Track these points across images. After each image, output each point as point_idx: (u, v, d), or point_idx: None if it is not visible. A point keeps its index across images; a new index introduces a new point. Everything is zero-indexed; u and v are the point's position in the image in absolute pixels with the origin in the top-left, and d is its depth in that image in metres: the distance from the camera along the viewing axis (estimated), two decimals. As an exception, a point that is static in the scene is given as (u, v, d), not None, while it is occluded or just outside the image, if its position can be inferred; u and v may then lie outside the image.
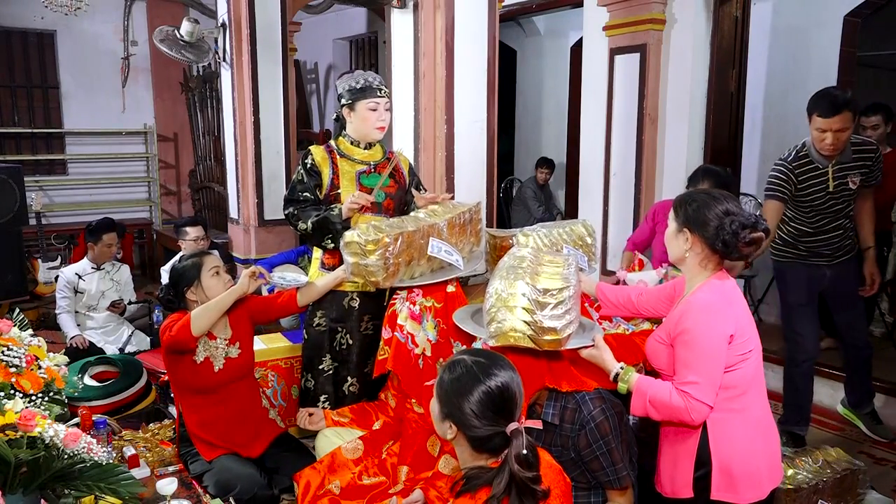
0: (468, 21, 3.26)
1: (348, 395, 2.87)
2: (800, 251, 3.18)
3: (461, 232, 2.72)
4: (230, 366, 2.59)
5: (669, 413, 1.87)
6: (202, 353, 2.54)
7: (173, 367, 2.56)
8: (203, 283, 2.57)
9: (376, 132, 2.80)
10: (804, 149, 3.05)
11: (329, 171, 2.80)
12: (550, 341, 1.98)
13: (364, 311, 2.84)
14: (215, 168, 7.09)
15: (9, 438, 1.64)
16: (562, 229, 2.80)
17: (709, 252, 1.92)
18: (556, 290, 1.97)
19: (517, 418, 1.59)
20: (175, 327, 2.44)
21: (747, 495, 1.90)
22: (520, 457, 1.53)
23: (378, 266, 2.40)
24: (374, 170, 2.84)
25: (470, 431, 1.60)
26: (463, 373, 1.62)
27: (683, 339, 1.88)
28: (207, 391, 2.57)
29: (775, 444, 2.01)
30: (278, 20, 4.87)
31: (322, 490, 2.40)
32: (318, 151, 2.84)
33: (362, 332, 2.85)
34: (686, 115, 4.29)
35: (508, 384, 1.60)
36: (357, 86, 2.75)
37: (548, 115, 7.77)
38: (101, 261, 4.28)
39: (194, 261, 2.62)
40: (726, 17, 4.27)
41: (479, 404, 1.58)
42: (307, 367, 2.91)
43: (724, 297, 1.92)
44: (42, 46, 7.40)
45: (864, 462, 2.84)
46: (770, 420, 2.01)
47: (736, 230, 1.86)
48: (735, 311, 1.91)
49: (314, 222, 2.72)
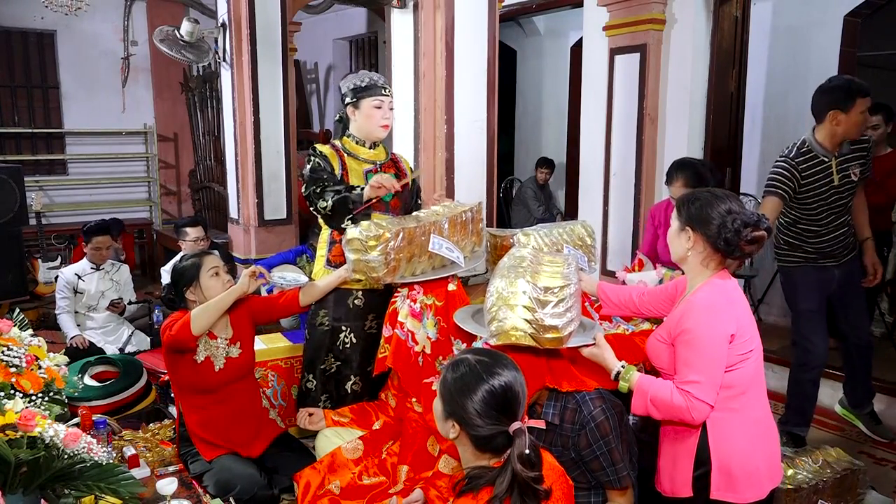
0: (468, 21, 3.26)
1: (350, 394, 2.87)
2: (808, 253, 3.13)
3: (462, 231, 2.73)
4: (231, 365, 2.60)
5: (670, 412, 1.87)
6: (203, 352, 2.54)
7: (174, 366, 2.56)
8: (202, 284, 2.58)
9: (380, 130, 2.81)
10: (805, 144, 3.02)
11: (339, 166, 2.80)
12: (552, 339, 1.98)
13: (368, 309, 2.84)
14: (215, 168, 7.09)
15: (9, 438, 1.64)
16: (562, 230, 2.81)
17: (711, 251, 1.92)
18: (557, 288, 1.98)
19: (520, 417, 1.59)
20: (175, 326, 2.44)
21: (747, 494, 1.90)
22: (522, 456, 1.53)
23: (379, 262, 2.41)
24: (379, 169, 2.84)
25: (473, 430, 1.60)
26: (466, 371, 1.62)
27: (685, 339, 1.88)
28: (208, 391, 2.57)
29: (775, 444, 2.01)
30: (278, 20, 4.87)
31: (322, 490, 2.40)
32: (325, 148, 2.84)
33: (366, 330, 2.85)
34: (686, 115, 4.29)
35: (512, 383, 1.60)
36: (362, 84, 2.77)
37: (548, 115, 7.77)
38: (96, 262, 4.28)
39: (194, 261, 2.63)
40: (726, 17, 4.27)
41: (482, 403, 1.58)
42: (308, 368, 2.91)
43: (725, 296, 1.92)
44: (42, 46, 7.40)
45: (864, 462, 2.84)
46: (770, 420, 2.01)
47: (738, 228, 1.86)
48: (736, 310, 1.91)
49: (335, 201, 2.65)
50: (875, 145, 4.23)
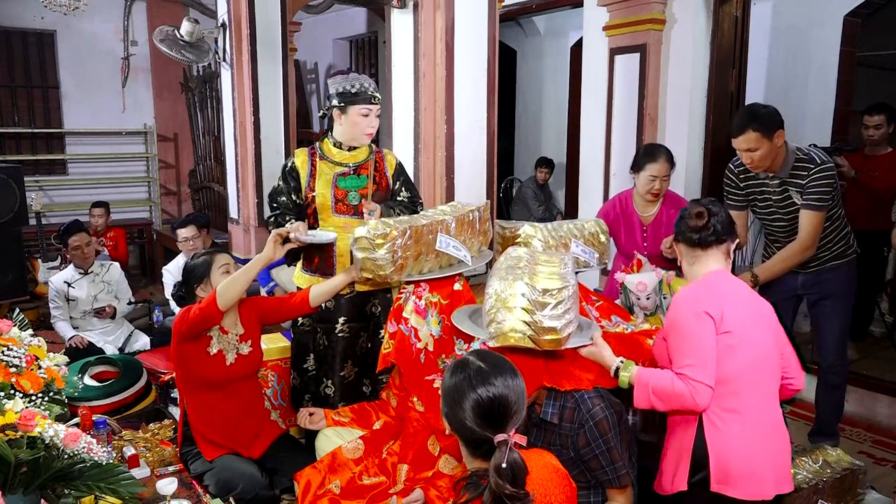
0: (468, 21, 3.25)
1: (324, 397, 2.89)
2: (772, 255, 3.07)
3: (470, 230, 2.74)
4: (241, 362, 2.61)
5: (673, 400, 1.89)
6: (216, 345, 2.55)
7: (184, 359, 2.54)
8: (213, 281, 2.58)
9: (364, 137, 2.81)
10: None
11: (307, 172, 2.82)
12: (550, 341, 1.99)
13: (339, 312, 2.84)
14: (215, 168, 7.09)
15: (9, 438, 1.63)
16: (572, 226, 2.83)
17: (686, 248, 2.09)
18: (555, 290, 1.98)
19: (509, 430, 1.58)
20: (200, 304, 2.45)
21: (746, 491, 1.90)
22: (499, 469, 1.51)
23: (386, 260, 2.41)
24: (353, 172, 2.83)
25: (462, 433, 1.63)
26: (462, 378, 1.64)
27: (671, 330, 1.99)
28: (216, 386, 2.57)
29: (781, 449, 1.98)
30: (278, 20, 4.87)
31: (322, 490, 2.40)
32: (301, 153, 2.87)
33: (336, 333, 2.84)
34: (686, 115, 4.29)
35: (504, 395, 1.60)
36: (352, 90, 2.73)
37: (548, 115, 7.77)
38: (82, 264, 4.26)
39: (205, 258, 2.65)
40: (726, 17, 4.27)
41: (470, 411, 1.59)
42: (294, 366, 2.98)
43: (707, 286, 2.01)
44: (42, 46, 7.41)
45: (864, 462, 2.85)
46: (777, 426, 1.98)
47: (683, 215, 2.09)
48: (719, 298, 1.95)
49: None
50: (876, 145, 4.25)
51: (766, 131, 2.76)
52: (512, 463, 1.52)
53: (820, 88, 5.05)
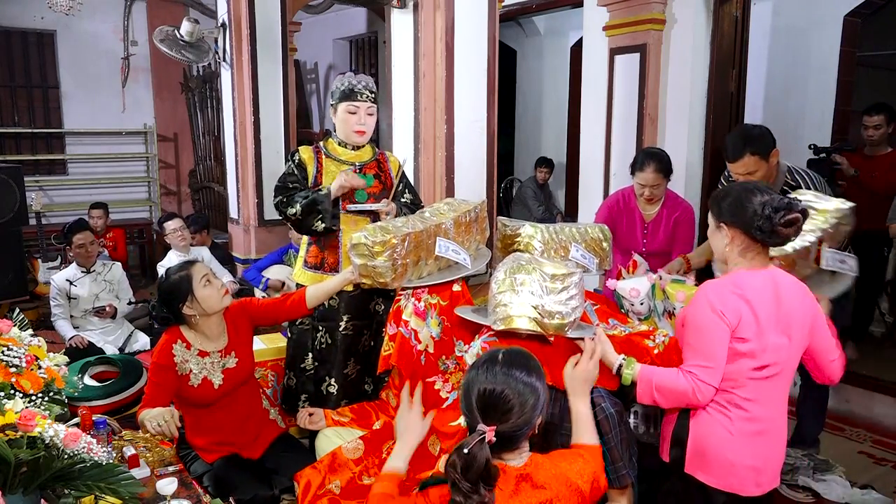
0: (468, 21, 3.25)
1: (326, 395, 2.88)
2: None
3: (467, 230, 2.74)
4: (229, 377, 2.55)
5: (676, 396, 1.92)
6: (198, 375, 2.49)
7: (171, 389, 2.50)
8: (197, 295, 2.47)
9: (355, 136, 2.82)
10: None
11: (314, 168, 2.84)
12: (556, 325, 2.03)
13: (343, 311, 2.83)
14: (215, 168, 7.10)
15: (9, 438, 1.63)
16: (574, 229, 2.83)
17: (749, 241, 1.94)
18: (562, 275, 2.03)
19: (489, 424, 1.60)
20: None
21: (719, 481, 1.93)
22: (459, 451, 1.54)
23: (386, 267, 2.42)
24: (359, 171, 2.85)
25: (467, 421, 1.69)
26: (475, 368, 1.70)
27: (689, 320, 1.95)
28: (209, 405, 2.56)
29: (772, 453, 1.98)
30: (278, 20, 4.87)
31: (322, 490, 2.40)
32: (305, 150, 2.88)
33: (341, 332, 2.84)
34: (686, 115, 4.29)
35: (500, 391, 1.63)
36: (341, 88, 2.78)
37: (548, 115, 7.78)
38: (85, 263, 4.26)
39: (182, 275, 2.49)
40: (726, 17, 4.27)
41: (471, 396, 1.66)
42: (289, 365, 2.94)
43: (734, 284, 1.91)
44: (42, 46, 7.41)
45: (864, 462, 2.85)
46: (774, 426, 1.97)
47: (769, 214, 1.87)
48: (743, 301, 1.87)
49: (303, 205, 2.72)
50: (875, 145, 4.25)
51: (763, 153, 2.75)
52: (472, 454, 1.53)
53: (820, 88, 5.06)
